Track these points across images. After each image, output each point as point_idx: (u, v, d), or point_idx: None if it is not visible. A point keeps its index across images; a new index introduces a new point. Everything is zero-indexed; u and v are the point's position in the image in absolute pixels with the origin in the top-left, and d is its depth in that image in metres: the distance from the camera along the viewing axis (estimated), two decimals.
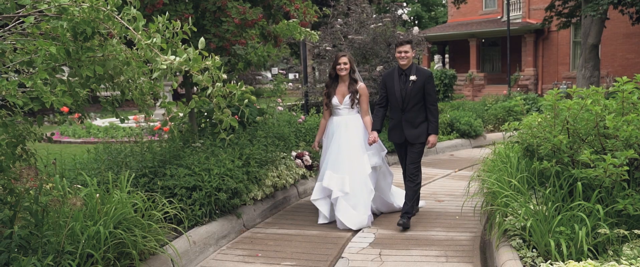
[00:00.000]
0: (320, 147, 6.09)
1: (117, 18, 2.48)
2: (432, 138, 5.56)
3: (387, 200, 6.03)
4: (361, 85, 5.87)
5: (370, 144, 5.65)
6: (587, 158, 3.87)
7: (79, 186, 4.40)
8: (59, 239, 3.30)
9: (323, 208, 5.74)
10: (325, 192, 5.70)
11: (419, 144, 5.57)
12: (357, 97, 5.82)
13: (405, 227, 5.38)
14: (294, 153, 6.32)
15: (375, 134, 5.65)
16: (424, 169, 8.95)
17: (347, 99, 5.80)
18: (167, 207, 4.56)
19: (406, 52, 5.49)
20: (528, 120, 4.65)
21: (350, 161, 5.63)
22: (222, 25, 5.50)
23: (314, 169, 6.42)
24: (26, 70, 2.85)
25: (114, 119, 15.12)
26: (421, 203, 6.05)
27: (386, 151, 5.95)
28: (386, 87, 5.67)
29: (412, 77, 5.46)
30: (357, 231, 5.39)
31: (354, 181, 5.58)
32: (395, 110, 5.62)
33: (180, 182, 4.98)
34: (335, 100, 5.84)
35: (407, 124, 5.55)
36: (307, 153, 6.43)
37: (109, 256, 3.64)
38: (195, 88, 6.70)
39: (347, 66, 5.79)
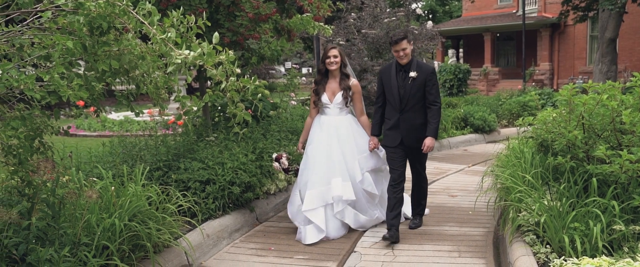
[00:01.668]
0: (304, 149, 5.41)
1: (132, 13, 2.51)
2: (428, 141, 4.91)
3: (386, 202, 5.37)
4: (354, 81, 5.28)
5: (371, 151, 5.18)
6: (602, 154, 3.84)
7: (95, 179, 4.46)
8: (76, 231, 3.35)
9: (318, 219, 5.02)
10: (320, 202, 5.07)
11: (421, 149, 4.97)
12: (350, 94, 5.22)
13: (417, 227, 5.31)
14: (274, 155, 5.57)
15: (376, 140, 5.18)
16: (437, 164, 8.96)
17: (338, 96, 5.20)
18: (181, 200, 4.60)
19: (404, 49, 4.84)
20: (543, 116, 4.62)
21: (342, 166, 5.13)
22: (236, 19, 5.52)
23: (291, 172, 5.55)
24: (43, 64, 2.89)
25: (128, 113, 15.25)
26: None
27: (384, 151, 5.28)
28: (383, 84, 5.06)
29: (412, 74, 4.85)
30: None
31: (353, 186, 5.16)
32: (392, 110, 5.00)
33: (194, 176, 5.01)
34: (325, 98, 5.22)
35: (405, 126, 4.94)
36: (285, 154, 5.54)
37: (124, 248, 3.69)
38: (209, 82, 6.74)
39: (338, 59, 5.18)
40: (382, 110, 5.12)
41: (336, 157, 5.12)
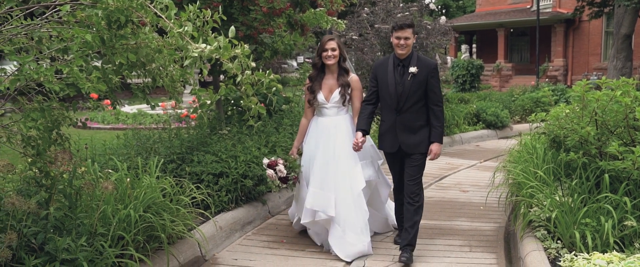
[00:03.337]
0: (300, 154, 4.89)
1: (149, 7, 2.55)
2: (434, 147, 4.32)
3: (382, 217, 4.96)
4: (353, 77, 4.69)
5: (355, 150, 4.42)
6: (615, 150, 3.84)
7: (110, 171, 4.52)
8: (92, 221, 3.41)
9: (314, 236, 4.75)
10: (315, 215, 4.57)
11: (418, 155, 4.34)
12: (349, 92, 4.64)
13: (408, 263, 4.27)
14: (265, 160, 4.80)
15: (360, 134, 4.38)
16: (448, 159, 8.96)
17: (336, 94, 4.62)
18: (195, 192, 4.66)
19: (406, 38, 4.23)
20: (555, 112, 4.61)
21: (338, 174, 4.52)
22: (250, 13, 5.56)
23: (290, 181, 4.74)
24: (61, 57, 2.95)
25: (142, 106, 15.38)
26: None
27: (382, 159, 4.82)
28: (377, 80, 4.43)
29: (412, 69, 4.24)
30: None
31: (343, 200, 4.48)
32: (388, 110, 4.39)
33: (207, 169, 5.07)
34: (320, 96, 4.65)
35: (402, 128, 4.33)
36: (281, 161, 4.74)
37: (139, 238, 3.75)
38: (221, 76, 6.79)
39: (336, 53, 4.59)
40: (372, 107, 4.49)
41: (327, 166, 4.56)
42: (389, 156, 4.57)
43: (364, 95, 4.65)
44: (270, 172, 4.71)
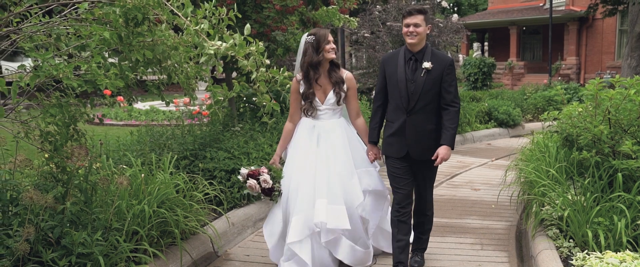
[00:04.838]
0: (282, 163, 4.24)
1: (166, 4, 2.58)
2: (442, 151, 3.73)
3: (386, 231, 4.28)
4: (347, 74, 4.11)
5: (372, 162, 4.12)
6: (628, 149, 3.83)
7: (124, 166, 4.57)
8: (107, 216, 3.47)
9: (304, 253, 3.85)
10: (306, 230, 3.87)
11: (432, 162, 3.81)
12: (344, 90, 4.05)
13: (420, 266, 4.16)
14: (244, 170, 4.01)
15: (376, 149, 4.08)
16: (460, 158, 8.94)
17: (331, 95, 4.04)
18: (208, 188, 4.70)
19: (416, 26, 3.73)
20: (568, 110, 4.60)
21: (333, 185, 3.96)
22: (263, 11, 5.59)
23: (276, 193, 4.02)
24: (78, 54, 3.00)
25: (154, 103, 15.49)
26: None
27: (379, 167, 4.23)
28: (386, 76, 3.91)
29: (426, 65, 3.73)
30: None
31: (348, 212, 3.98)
32: (397, 110, 3.85)
33: (220, 165, 5.11)
34: (315, 99, 4.06)
35: (413, 131, 3.80)
36: (265, 170, 4.01)
37: (153, 233, 3.80)
38: (234, 73, 6.83)
39: (335, 48, 4.04)
40: (382, 110, 4.00)
41: (324, 173, 3.97)
42: (394, 163, 3.94)
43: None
44: (252, 182, 3.97)
